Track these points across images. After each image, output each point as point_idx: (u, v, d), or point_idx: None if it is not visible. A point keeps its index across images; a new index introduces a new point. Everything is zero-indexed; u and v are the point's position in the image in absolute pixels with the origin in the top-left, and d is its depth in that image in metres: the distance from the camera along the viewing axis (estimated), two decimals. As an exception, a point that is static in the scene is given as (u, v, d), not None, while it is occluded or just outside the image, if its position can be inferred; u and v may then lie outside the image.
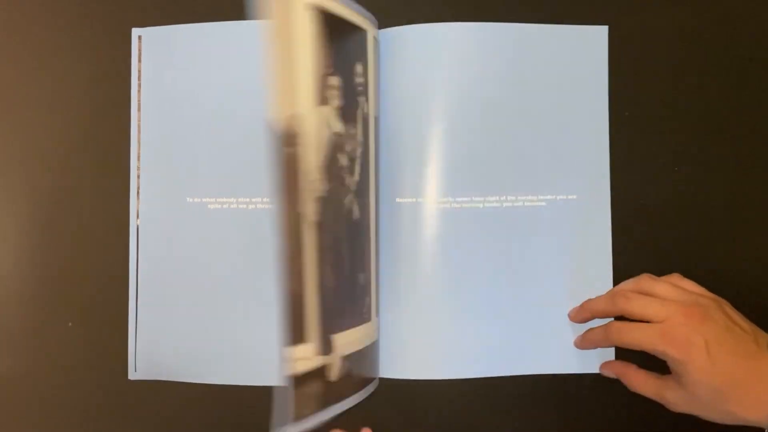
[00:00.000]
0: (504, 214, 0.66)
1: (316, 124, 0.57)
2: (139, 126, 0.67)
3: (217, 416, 0.66)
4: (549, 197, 0.67)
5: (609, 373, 0.64)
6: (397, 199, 0.66)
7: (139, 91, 0.67)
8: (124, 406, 0.66)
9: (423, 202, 0.65)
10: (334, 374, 0.57)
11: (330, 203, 0.57)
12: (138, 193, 0.67)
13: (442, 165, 0.66)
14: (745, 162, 0.68)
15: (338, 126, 0.59)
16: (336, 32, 0.59)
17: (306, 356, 0.54)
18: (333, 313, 0.57)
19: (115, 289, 0.67)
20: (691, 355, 0.53)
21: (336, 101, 0.59)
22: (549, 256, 0.66)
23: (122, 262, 0.67)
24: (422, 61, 0.66)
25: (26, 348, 0.67)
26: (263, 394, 0.65)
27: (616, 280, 0.65)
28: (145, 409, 0.66)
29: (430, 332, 0.65)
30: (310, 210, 0.55)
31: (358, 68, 0.61)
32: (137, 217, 0.67)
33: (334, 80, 0.59)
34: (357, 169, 0.60)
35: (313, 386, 0.55)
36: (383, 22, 0.66)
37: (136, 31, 0.68)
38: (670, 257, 0.66)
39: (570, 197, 0.67)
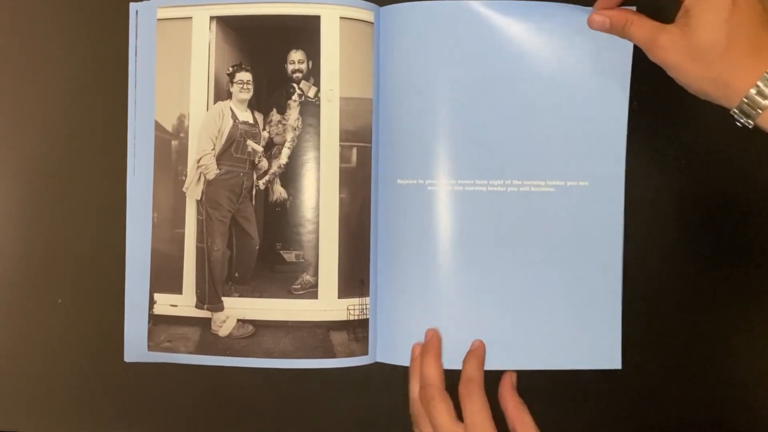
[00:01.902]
0: (509, 199, 0.63)
1: (211, 118, 0.65)
2: (135, 103, 0.67)
3: (212, 397, 0.68)
4: (559, 183, 0.64)
5: (601, 22, 0.60)
6: (399, 181, 0.65)
7: (136, 66, 0.67)
8: (119, 388, 0.68)
9: (424, 185, 0.64)
10: (223, 330, 0.66)
11: (224, 184, 0.66)
12: (135, 168, 0.67)
13: (445, 147, 0.64)
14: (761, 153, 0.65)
15: (246, 116, 0.65)
16: (250, 30, 0.66)
17: (173, 303, 0.66)
18: (229, 279, 0.66)
19: (111, 270, 0.68)
20: None
21: (244, 94, 0.65)
22: (556, 244, 0.64)
23: (117, 240, 0.67)
24: (425, 40, 0.64)
25: (19, 327, 0.68)
26: (256, 377, 0.66)
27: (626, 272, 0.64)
28: (141, 390, 0.68)
29: (429, 318, 0.64)
30: (196, 190, 0.66)
31: (295, 56, 0.65)
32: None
33: (244, 75, 0.65)
34: (285, 153, 0.65)
35: (183, 329, 0.66)
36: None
37: (134, 6, 0.67)
38: (681, 247, 0.66)
39: (581, 183, 0.64)
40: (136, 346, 0.67)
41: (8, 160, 0.69)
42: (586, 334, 0.64)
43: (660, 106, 0.65)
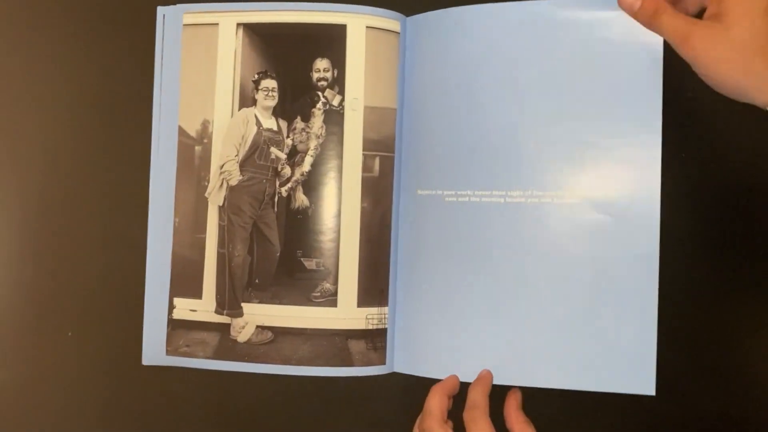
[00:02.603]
0: (530, 211, 0.62)
1: (235, 125, 0.66)
2: (160, 107, 0.67)
3: (229, 403, 0.68)
4: (585, 194, 0.61)
5: (631, 3, 0.57)
6: (418, 191, 0.65)
7: (161, 70, 0.67)
8: (136, 391, 0.68)
9: (442, 195, 0.63)
10: (242, 336, 0.66)
11: (246, 190, 0.67)
12: (157, 172, 0.67)
13: (463, 157, 0.63)
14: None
15: (270, 123, 0.65)
16: (276, 38, 0.67)
17: (193, 308, 0.67)
18: (249, 285, 0.66)
19: (131, 273, 0.68)
20: None
21: (269, 101, 0.65)
22: (584, 258, 0.61)
23: (139, 244, 0.67)
24: (451, 50, 0.64)
25: (37, 328, 0.69)
26: (274, 384, 0.66)
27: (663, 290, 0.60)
28: (158, 393, 0.69)
29: (446, 330, 0.63)
30: (218, 195, 0.66)
31: (321, 64, 0.65)
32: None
33: (269, 83, 0.65)
34: (308, 160, 0.66)
35: (201, 334, 0.66)
36: (419, 7, 0.66)
37: (161, 10, 0.68)
38: (719, 263, 0.64)
39: (610, 195, 0.61)
40: (154, 350, 0.67)
41: (32, 161, 0.70)
42: (617, 355, 0.60)
43: (701, 107, 0.64)
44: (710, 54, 0.53)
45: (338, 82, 0.65)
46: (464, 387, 0.62)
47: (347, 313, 0.65)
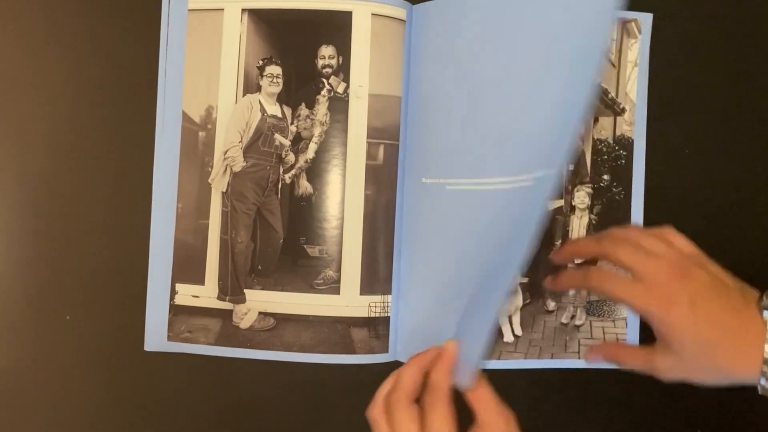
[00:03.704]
0: (520, 197, 0.58)
1: (239, 111, 0.66)
2: (164, 93, 0.67)
3: (230, 389, 0.68)
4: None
5: (596, 358, 0.61)
6: (423, 179, 0.65)
7: (166, 56, 0.67)
8: (139, 377, 0.68)
9: (444, 184, 0.64)
10: (244, 322, 0.66)
11: (250, 177, 0.66)
12: (161, 158, 0.67)
13: (461, 144, 0.63)
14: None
15: (274, 109, 0.65)
16: (282, 24, 0.66)
17: (195, 294, 0.66)
18: (252, 271, 0.66)
19: (134, 259, 0.67)
20: (674, 312, 0.51)
21: (274, 88, 0.65)
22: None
23: (142, 229, 0.67)
24: (456, 38, 0.64)
25: (41, 313, 0.68)
26: (276, 370, 0.67)
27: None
28: (160, 379, 0.68)
29: (451, 319, 0.60)
30: (222, 181, 0.66)
31: (326, 51, 0.65)
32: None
33: (274, 69, 0.65)
34: (312, 147, 0.66)
35: (204, 320, 0.66)
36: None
37: (166, -6, 0.66)
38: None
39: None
40: (156, 336, 0.67)
41: (36, 145, 0.69)
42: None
43: (679, 104, 0.65)
44: (681, 375, 0.54)
45: (343, 70, 0.65)
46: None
47: (350, 300, 0.65)
